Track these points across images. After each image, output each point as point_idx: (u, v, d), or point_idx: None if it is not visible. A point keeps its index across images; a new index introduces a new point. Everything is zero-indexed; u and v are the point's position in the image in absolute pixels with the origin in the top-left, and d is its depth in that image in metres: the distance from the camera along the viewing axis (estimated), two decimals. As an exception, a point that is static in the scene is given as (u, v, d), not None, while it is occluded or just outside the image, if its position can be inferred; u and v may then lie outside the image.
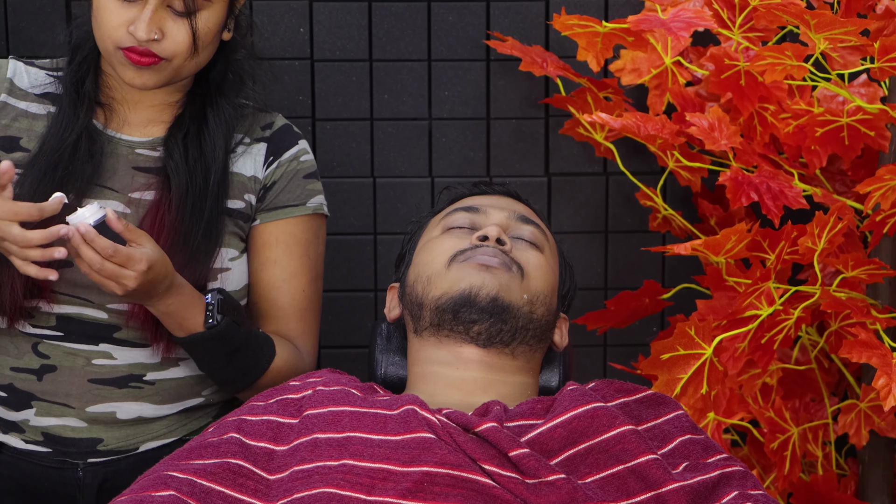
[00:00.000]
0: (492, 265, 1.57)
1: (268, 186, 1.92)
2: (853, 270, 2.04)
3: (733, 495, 1.45)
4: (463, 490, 1.39)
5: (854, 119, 2.07)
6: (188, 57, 1.80)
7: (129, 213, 1.84)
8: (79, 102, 1.86)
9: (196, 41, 1.78)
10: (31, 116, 1.87)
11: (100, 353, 1.86)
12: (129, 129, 1.89)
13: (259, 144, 1.92)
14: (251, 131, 1.93)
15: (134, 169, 1.87)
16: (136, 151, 1.88)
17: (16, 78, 1.89)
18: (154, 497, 1.41)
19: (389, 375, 1.72)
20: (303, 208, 1.93)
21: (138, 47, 1.76)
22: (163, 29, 1.76)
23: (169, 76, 1.81)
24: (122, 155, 1.88)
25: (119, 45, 1.77)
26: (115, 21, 1.76)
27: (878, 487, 2.30)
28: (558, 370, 1.72)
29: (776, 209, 2.04)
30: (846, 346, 1.95)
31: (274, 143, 1.93)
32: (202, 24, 1.79)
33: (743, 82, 2.11)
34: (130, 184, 1.86)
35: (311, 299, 1.95)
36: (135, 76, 1.80)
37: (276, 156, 1.93)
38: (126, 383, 1.86)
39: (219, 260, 1.86)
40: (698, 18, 2.03)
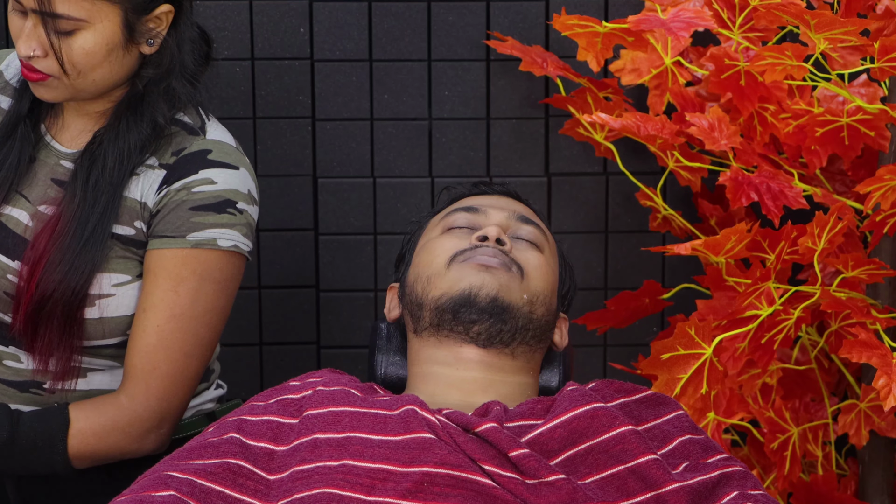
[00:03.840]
0: (492, 265, 1.57)
1: (153, 213, 1.80)
2: (853, 270, 2.04)
3: (733, 495, 1.45)
4: (463, 490, 1.39)
5: (854, 119, 2.07)
6: (64, 76, 1.73)
7: (31, 225, 1.81)
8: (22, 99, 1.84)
9: (62, 62, 1.72)
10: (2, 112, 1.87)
11: (9, 355, 1.85)
12: (62, 136, 1.86)
13: (159, 170, 1.80)
14: (162, 155, 1.81)
15: (52, 181, 1.84)
16: (60, 162, 1.84)
17: (7, 71, 1.88)
18: (154, 497, 1.41)
19: (389, 375, 1.72)
20: (180, 241, 1.77)
21: (24, 61, 1.74)
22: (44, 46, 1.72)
23: (69, 93, 1.76)
24: (49, 164, 1.85)
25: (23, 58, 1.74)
26: (14, 33, 1.74)
27: (878, 487, 2.30)
28: (558, 370, 1.72)
29: (776, 209, 2.04)
30: (846, 346, 1.95)
31: (174, 170, 1.80)
32: (79, 43, 1.71)
33: (743, 82, 2.11)
34: (43, 196, 1.83)
35: (165, 339, 1.77)
36: (34, 87, 1.77)
37: (169, 183, 1.79)
38: (27, 388, 1.85)
39: (97, 285, 1.77)
40: (698, 18, 2.03)
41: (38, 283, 1.76)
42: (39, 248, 1.77)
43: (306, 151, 2.53)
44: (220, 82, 2.58)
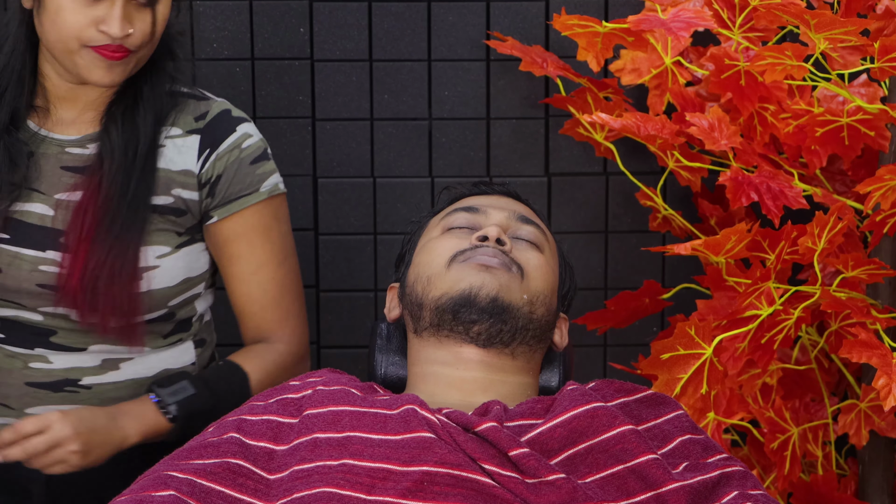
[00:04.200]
0: (492, 265, 1.57)
1: (212, 181, 1.87)
2: (853, 270, 2.04)
3: (733, 495, 1.45)
4: (463, 489, 1.39)
5: (854, 119, 2.07)
6: (149, 47, 1.79)
7: (53, 215, 1.83)
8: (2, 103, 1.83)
9: (155, 30, 1.79)
10: None
11: (36, 357, 1.86)
12: (61, 127, 1.87)
13: (191, 137, 1.87)
14: (184, 122, 1.88)
15: (62, 169, 1.85)
16: (66, 150, 1.86)
17: None
18: (154, 497, 1.41)
19: (389, 375, 1.72)
20: (257, 195, 1.88)
21: (112, 44, 1.75)
22: (131, 22, 1.76)
23: (131, 69, 1.81)
24: (51, 155, 1.85)
25: (88, 44, 1.76)
26: (82, 21, 1.75)
27: (878, 487, 2.30)
28: (558, 370, 1.72)
29: (776, 209, 2.04)
30: (846, 346, 1.95)
31: (208, 134, 1.87)
32: (161, 12, 1.79)
33: (743, 82, 2.11)
34: (57, 184, 1.84)
35: (284, 284, 1.92)
36: (104, 74, 1.78)
37: (213, 147, 1.87)
38: (61, 387, 1.86)
39: (143, 258, 1.83)
40: (698, 18, 2.03)
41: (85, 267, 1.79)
42: (79, 232, 1.80)
43: (306, 151, 2.53)
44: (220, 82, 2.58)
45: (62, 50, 1.78)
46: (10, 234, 1.83)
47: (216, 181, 1.86)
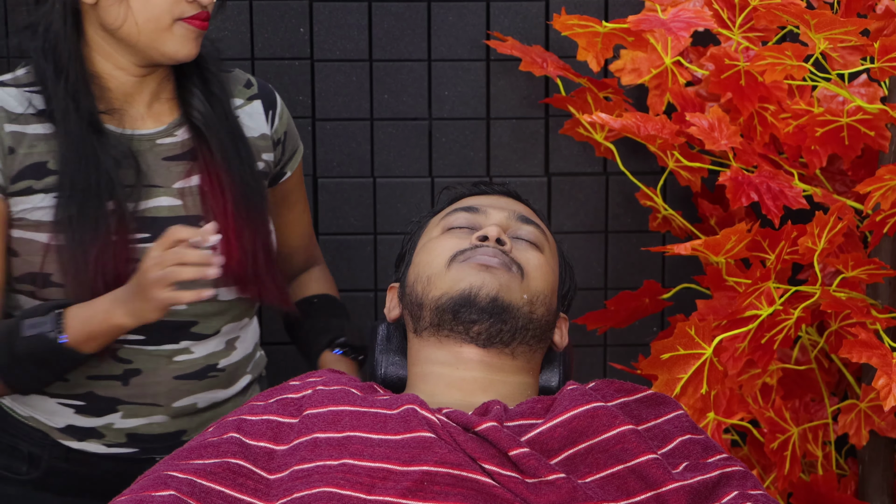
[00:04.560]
0: (492, 265, 1.57)
1: (282, 140, 1.98)
2: (853, 270, 2.04)
3: (733, 495, 1.45)
4: (463, 489, 1.39)
5: (854, 119, 2.07)
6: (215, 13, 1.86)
7: (181, 203, 1.87)
8: (79, 117, 1.83)
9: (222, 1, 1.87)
10: (45, 138, 1.83)
11: (180, 350, 1.90)
12: (139, 123, 1.89)
13: (253, 103, 1.97)
14: (239, 92, 1.96)
15: (164, 160, 1.88)
16: (157, 142, 1.89)
17: (6, 104, 1.83)
18: (154, 497, 1.41)
19: (389, 375, 1.72)
20: (300, 149, 2.05)
21: (202, 13, 1.81)
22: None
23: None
24: (146, 150, 1.88)
25: (180, 17, 1.80)
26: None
27: (878, 487, 2.30)
28: (558, 370, 1.72)
29: (776, 209, 2.04)
30: (846, 346, 1.95)
31: (265, 97, 1.98)
32: None
33: (743, 82, 2.11)
34: (169, 175, 1.88)
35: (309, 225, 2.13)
36: (193, 46, 1.83)
37: (273, 108, 1.98)
38: (205, 374, 1.92)
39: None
40: (698, 18, 2.03)
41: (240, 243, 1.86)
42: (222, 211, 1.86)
43: (306, 151, 2.53)
44: (220, 82, 2.58)
45: (153, 30, 1.80)
46: (149, 232, 1.85)
47: (284, 139, 1.98)
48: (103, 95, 1.86)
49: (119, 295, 1.74)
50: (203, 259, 1.66)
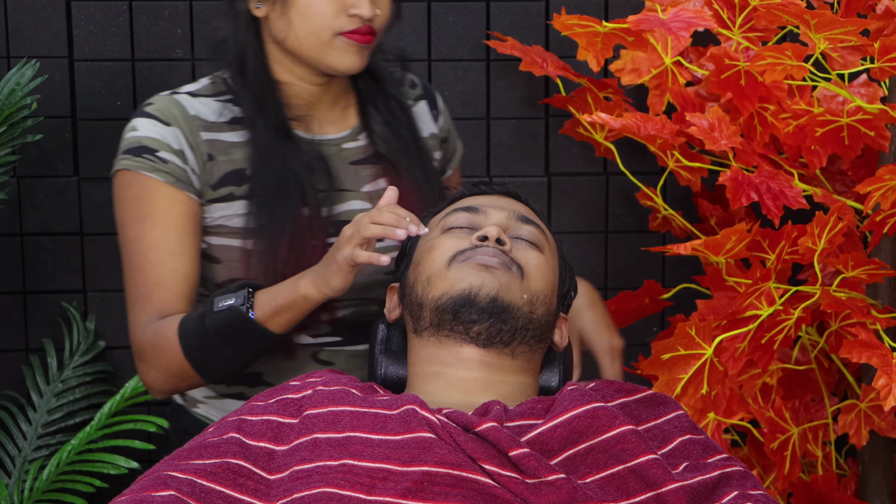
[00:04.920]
0: (492, 265, 1.57)
1: (446, 139, 2.00)
2: (853, 270, 2.04)
3: (733, 495, 1.45)
4: (463, 490, 1.39)
5: (854, 119, 2.07)
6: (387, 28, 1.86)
7: (371, 206, 1.89)
8: (268, 123, 1.86)
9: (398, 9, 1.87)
10: (240, 146, 1.87)
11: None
12: (326, 128, 1.92)
13: (420, 103, 1.99)
14: (407, 92, 1.99)
15: (351, 164, 1.90)
16: (343, 147, 1.91)
17: (200, 113, 1.87)
18: (154, 497, 1.41)
19: (389, 375, 1.72)
20: (459, 146, 2.07)
21: (363, 27, 1.80)
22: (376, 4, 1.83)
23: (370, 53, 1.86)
24: (333, 155, 1.90)
25: (340, 31, 1.80)
26: (332, 9, 1.79)
27: (878, 487, 2.30)
28: (558, 370, 1.72)
29: (776, 209, 2.03)
30: (846, 346, 1.95)
31: (429, 97, 2.01)
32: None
33: (743, 82, 2.11)
34: (358, 179, 1.90)
35: None
36: (355, 59, 1.83)
37: (436, 108, 2.01)
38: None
39: None
40: (698, 18, 2.03)
41: None
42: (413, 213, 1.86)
43: (306, 151, 2.53)
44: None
45: (314, 43, 1.81)
46: None
47: (447, 138, 2.01)
48: (289, 103, 1.89)
49: (311, 268, 1.74)
50: (394, 221, 1.62)
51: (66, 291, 2.63)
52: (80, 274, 2.62)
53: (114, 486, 2.56)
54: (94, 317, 2.63)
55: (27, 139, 2.34)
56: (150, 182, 1.82)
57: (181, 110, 1.85)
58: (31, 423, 2.58)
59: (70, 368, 2.60)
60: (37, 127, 2.49)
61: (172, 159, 1.82)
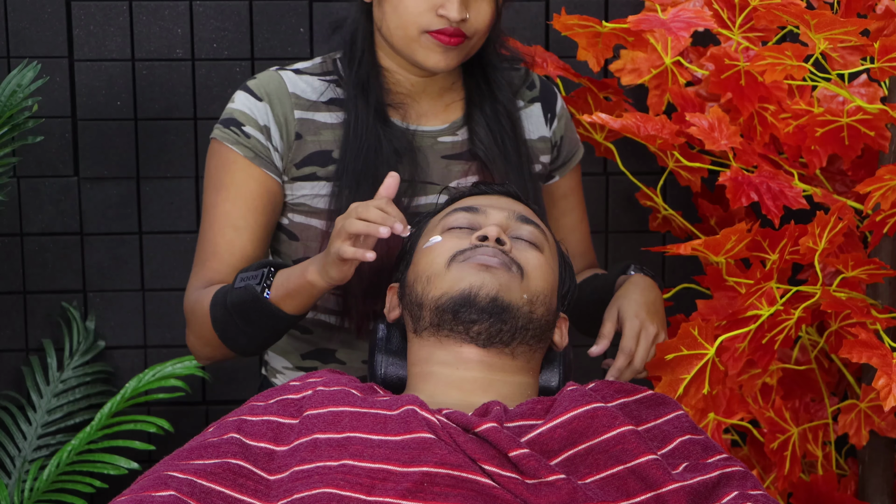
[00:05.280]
0: (491, 265, 1.57)
1: (558, 143, 1.98)
2: (853, 270, 2.04)
3: (733, 495, 1.45)
4: (463, 490, 1.39)
5: (854, 119, 2.07)
6: (485, 34, 1.83)
7: None
8: (367, 105, 1.87)
9: (498, 16, 1.84)
10: (332, 127, 1.88)
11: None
12: (424, 119, 1.91)
13: (534, 105, 1.97)
14: (522, 94, 1.97)
15: (444, 158, 1.89)
16: (439, 140, 1.90)
17: (299, 91, 1.89)
18: (154, 497, 1.41)
19: (389, 375, 1.72)
20: (578, 154, 2.04)
21: (448, 28, 1.79)
22: (468, 8, 1.79)
23: (465, 55, 1.84)
24: (427, 147, 1.90)
25: (426, 29, 1.79)
26: (421, 6, 1.78)
27: (878, 487, 2.30)
28: (558, 370, 1.72)
29: (776, 209, 2.03)
30: (847, 346, 1.95)
31: (545, 100, 1.98)
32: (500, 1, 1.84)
33: (743, 82, 2.11)
34: (446, 174, 1.89)
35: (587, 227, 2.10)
36: (440, 59, 1.81)
37: (552, 111, 1.98)
38: None
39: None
40: (698, 18, 2.03)
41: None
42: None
43: (306, 151, 2.53)
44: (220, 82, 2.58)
45: (402, 37, 1.81)
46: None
47: (560, 143, 1.98)
48: (391, 89, 1.90)
49: (319, 255, 1.74)
50: (380, 219, 1.61)
51: (66, 291, 2.63)
52: (80, 274, 2.62)
53: (114, 487, 2.56)
54: (94, 317, 2.63)
55: (28, 140, 2.34)
56: (231, 154, 1.86)
57: (279, 86, 1.88)
58: (31, 423, 2.58)
59: (70, 368, 2.60)
60: (37, 128, 2.49)
61: (256, 135, 1.86)
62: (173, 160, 2.60)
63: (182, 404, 2.67)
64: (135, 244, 2.62)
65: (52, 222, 2.60)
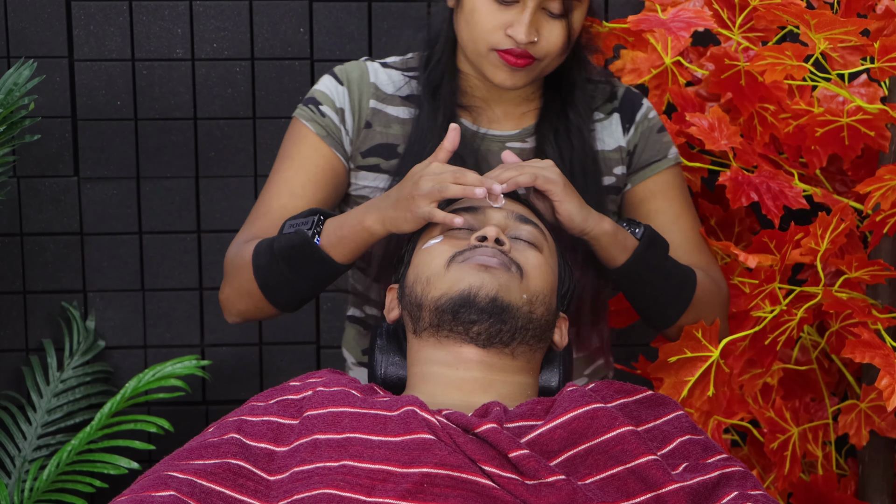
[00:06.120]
0: (491, 265, 1.57)
1: (632, 151, 1.96)
2: (857, 271, 2.04)
3: (733, 496, 1.45)
4: (463, 491, 1.39)
5: (854, 119, 2.07)
6: (558, 56, 1.82)
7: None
8: (436, 105, 1.88)
9: (570, 41, 1.81)
10: (402, 122, 1.90)
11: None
12: (496, 124, 1.92)
13: (612, 116, 1.96)
14: (602, 106, 1.96)
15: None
16: (507, 146, 1.91)
17: (379, 82, 1.92)
18: (154, 497, 1.41)
19: (389, 376, 1.72)
20: (665, 161, 1.98)
21: (516, 49, 1.78)
22: (539, 30, 1.78)
23: (536, 75, 1.84)
24: (494, 151, 1.90)
25: (494, 48, 1.79)
26: (491, 24, 1.78)
27: (878, 487, 2.30)
28: (558, 370, 1.72)
29: (776, 209, 2.03)
30: (849, 346, 1.95)
31: (624, 110, 1.97)
32: (575, 23, 1.81)
33: (743, 82, 2.11)
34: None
35: (700, 236, 2.00)
36: (506, 77, 1.82)
37: (630, 121, 1.96)
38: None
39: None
40: (698, 18, 2.03)
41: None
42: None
43: (306, 151, 2.53)
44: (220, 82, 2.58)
45: (472, 51, 1.82)
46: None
47: (634, 150, 1.96)
48: (466, 92, 1.91)
49: (377, 201, 1.74)
50: (477, 181, 1.63)
51: (66, 291, 2.63)
52: (80, 274, 2.62)
53: (114, 486, 2.57)
54: (94, 317, 2.63)
55: (26, 139, 2.34)
56: (304, 129, 1.92)
57: (362, 75, 1.93)
58: (31, 423, 2.58)
59: (70, 368, 2.60)
60: (35, 127, 2.49)
61: (331, 115, 1.91)
62: (173, 160, 2.60)
63: (182, 404, 2.67)
64: (135, 244, 2.62)
65: (52, 222, 2.60)
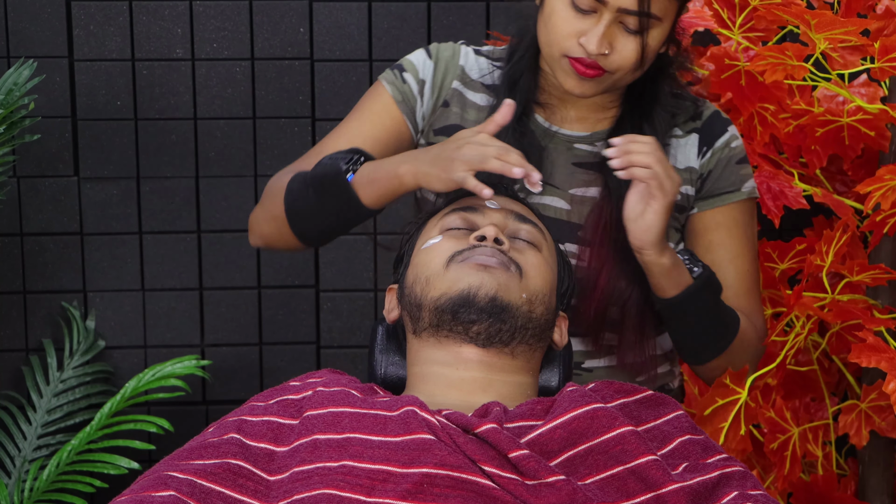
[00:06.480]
0: (490, 265, 1.57)
1: (704, 176, 1.91)
2: (859, 276, 2.04)
3: (733, 496, 1.45)
4: (463, 491, 1.39)
5: (854, 119, 2.07)
6: (631, 72, 1.79)
7: (570, 209, 1.87)
8: (512, 95, 1.87)
9: (643, 59, 1.78)
10: (478, 108, 1.91)
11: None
12: (569, 124, 1.91)
13: (691, 136, 1.92)
14: (683, 124, 1.93)
15: (573, 165, 1.89)
16: (575, 146, 1.90)
17: (467, 66, 1.93)
18: (154, 497, 1.41)
19: (389, 375, 1.72)
20: (738, 194, 1.91)
21: (586, 59, 1.77)
22: (612, 43, 1.76)
23: (607, 87, 1.82)
24: (561, 150, 1.90)
25: (566, 54, 1.78)
26: (566, 30, 1.77)
27: (878, 487, 2.30)
28: (558, 370, 1.72)
29: (776, 209, 2.03)
30: (855, 350, 1.95)
31: (705, 133, 1.92)
32: (651, 41, 1.78)
33: (743, 82, 2.11)
34: (570, 180, 1.88)
35: (755, 279, 1.94)
36: (575, 85, 1.80)
37: (709, 145, 1.92)
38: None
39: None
40: (698, 18, 2.03)
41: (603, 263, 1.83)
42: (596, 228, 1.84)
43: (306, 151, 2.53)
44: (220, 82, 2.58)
45: (547, 53, 1.82)
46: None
47: (707, 176, 1.91)
48: (545, 89, 1.90)
49: (417, 153, 1.74)
50: (518, 162, 1.63)
51: (66, 291, 2.63)
52: (80, 274, 2.62)
53: (114, 486, 2.57)
54: (94, 317, 2.63)
55: (25, 139, 2.34)
56: (382, 89, 1.94)
57: (453, 56, 1.94)
58: (31, 423, 2.58)
59: (70, 368, 2.60)
60: (35, 127, 2.49)
61: (411, 83, 1.92)
62: (173, 160, 2.60)
63: (182, 404, 2.67)
64: (135, 244, 2.62)
65: (52, 222, 2.60)
